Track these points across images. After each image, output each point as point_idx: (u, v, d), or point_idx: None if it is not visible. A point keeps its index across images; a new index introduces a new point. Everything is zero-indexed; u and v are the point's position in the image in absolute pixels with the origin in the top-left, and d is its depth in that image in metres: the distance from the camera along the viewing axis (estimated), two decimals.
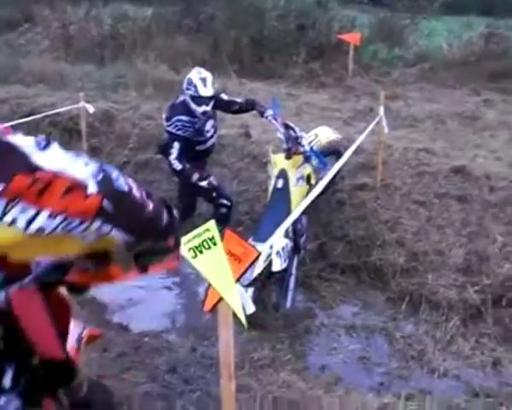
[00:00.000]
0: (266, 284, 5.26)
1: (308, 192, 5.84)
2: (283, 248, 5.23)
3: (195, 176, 6.06)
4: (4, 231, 1.18)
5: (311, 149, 6.06)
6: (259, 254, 2.57)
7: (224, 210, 6.15)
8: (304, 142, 5.96)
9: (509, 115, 9.84)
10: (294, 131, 5.99)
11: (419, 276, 5.72)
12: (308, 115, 9.44)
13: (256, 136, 8.35)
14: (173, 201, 7.45)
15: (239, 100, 6.38)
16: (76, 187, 1.26)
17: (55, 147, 1.29)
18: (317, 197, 5.89)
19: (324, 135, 6.58)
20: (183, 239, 2.40)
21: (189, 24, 15.73)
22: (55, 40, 15.57)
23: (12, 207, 1.17)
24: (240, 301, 2.54)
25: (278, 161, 5.93)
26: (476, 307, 5.28)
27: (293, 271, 5.52)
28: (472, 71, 12.50)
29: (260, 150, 7.77)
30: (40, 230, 1.22)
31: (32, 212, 1.19)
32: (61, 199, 1.23)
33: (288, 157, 5.87)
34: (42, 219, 1.21)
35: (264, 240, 4.87)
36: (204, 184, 6.11)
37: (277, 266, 5.10)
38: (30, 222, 1.20)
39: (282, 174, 5.77)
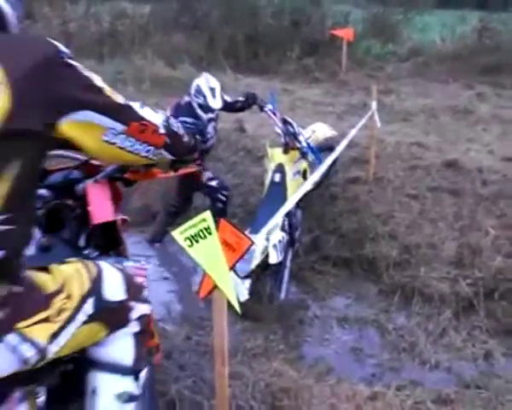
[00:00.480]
0: (261, 277, 5.31)
1: (309, 190, 5.95)
2: (280, 242, 5.29)
3: (207, 175, 6.13)
4: (111, 149, 1.94)
5: (308, 145, 6.10)
6: (252, 244, 2.62)
7: (220, 204, 6.19)
8: (301, 138, 6.01)
9: (501, 109, 9.92)
10: (292, 126, 6.03)
11: (411, 269, 5.74)
12: (302, 110, 9.52)
13: (251, 130, 8.42)
14: (169, 193, 7.54)
15: (241, 98, 6.37)
16: (156, 130, 2.13)
17: (146, 107, 2.11)
18: (311, 191, 5.97)
19: (321, 131, 6.64)
20: (179, 229, 2.46)
21: (185, 21, 15.87)
22: (55, 37, 15.58)
23: (125, 138, 1.97)
24: (234, 288, 2.59)
25: (275, 155, 5.99)
26: (468, 300, 5.30)
27: (288, 263, 5.57)
28: (465, 65, 12.60)
29: (255, 144, 7.82)
30: (152, 153, 2.15)
31: (132, 141, 2.01)
32: (149, 136, 2.08)
33: (286, 152, 5.93)
34: (137, 145, 2.04)
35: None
36: (213, 183, 6.17)
37: (274, 258, 5.15)
38: (130, 146, 2.01)
39: (279, 168, 5.83)
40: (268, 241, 5.16)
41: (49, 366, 1.90)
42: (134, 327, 2.16)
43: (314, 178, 5.24)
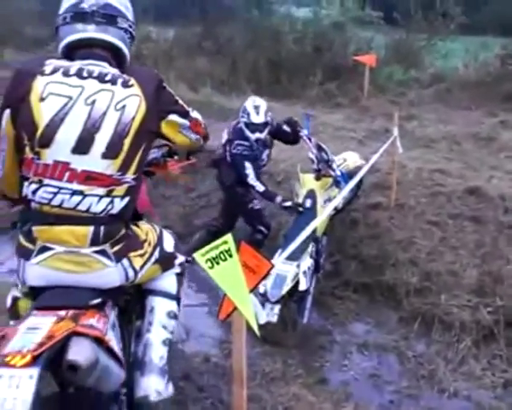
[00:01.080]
0: (286, 302, 5.33)
1: (333, 215, 5.95)
2: (309, 268, 5.37)
3: (279, 198, 5.96)
4: (182, 137, 2.89)
5: (342, 173, 6.12)
6: (272, 267, 2.65)
7: (259, 236, 6.19)
8: (334, 166, 6.03)
9: None
10: (326, 153, 6.05)
11: (432, 296, 5.71)
12: (324, 135, 9.49)
13: (273, 154, 8.44)
14: (191, 216, 7.57)
15: (284, 125, 6.35)
16: (201, 125, 3.04)
17: (195, 111, 3.00)
18: (334, 216, 5.99)
19: (352, 160, 6.63)
20: (201, 251, 2.50)
21: (208, 46, 16.03)
22: None
23: (188, 130, 2.91)
24: (253, 310, 2.61)
25: (307, 181, 6.01)
26: (489, 328, 5.26)
27: (311, 290, 5.58)
28: (488, 92, 12.52)
29: (275, 169, 7.84)
30: (197, 139, 3.03)
31: (191, 131, 2.93)
32: (199, 129, 3.00)
33: (318, 179, 5.94)
34: (192, 135, 2.95)
35: (292, 258, 5.07)
36: (287, 203, 5.92)
37: (303, 285, 5.22)
38: (189, 134, 2.93)
39: (311, 194, 5.85)
40: (299, 268, 5.21)
41: (122, 291, 2.77)
42: (177, 269, 3.05)
43: (335, 203, 5.25)
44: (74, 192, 2.41)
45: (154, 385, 2.74)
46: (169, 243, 3.02)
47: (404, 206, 6.86)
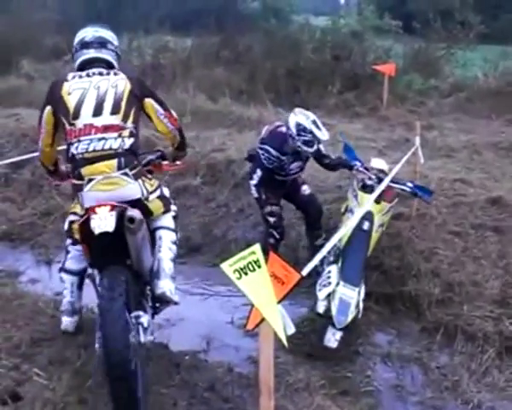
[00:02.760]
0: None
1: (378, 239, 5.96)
2: (365, 294, 5.35)
3: (267, 209, 6.17)
4: (160, 122, 4.32)
5: (414, 184, 6.12)
6: (302, 278, 2.64)
7: (272, 241, 6.19)
8: (407, 183, 6.08)
9: None
10: (384, 172, 6.11)
11: (454, 307, 5.68)
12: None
13: None
14: (210, 226, 7.58)
15: (332, 156, 6.42)
16: (176, 119, 4.44)
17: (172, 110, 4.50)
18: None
19: (384, 167, 6.54)
20: (229, 261, 2.50)
21: (226, 55, 16.05)
22: None
23: (164, 117, 4.34)
24: (281, 321, 2.60)
25: (366, 201, 5.76)
26: None
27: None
28: (508, 101, 12.45)
29: None
30: (173, 130, 4.43)
31: (167, 120, 4.34)
32: (173, 120, 4.39)
33: (378, 202, 5.83)
34: (169, 124, 4.37)
35: (354, 283, 5.14)
36: (271, 219, 6.19)
37: (361, 313, 5.22)
38: (166, 122, 4.35)
39: (369, 217, 5.64)
40: (359, 295, 5.19)
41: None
42: (173, 212, 4.50)
43: (359, 215, 5.17)
44: (99, 139, 3.88)
45: (167, 286, 4.08)
46: (166, 191, 4.54)
47: (425, 216, 6.83)
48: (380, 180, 6.00)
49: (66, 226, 4.32)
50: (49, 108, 4.03)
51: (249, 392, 3.89)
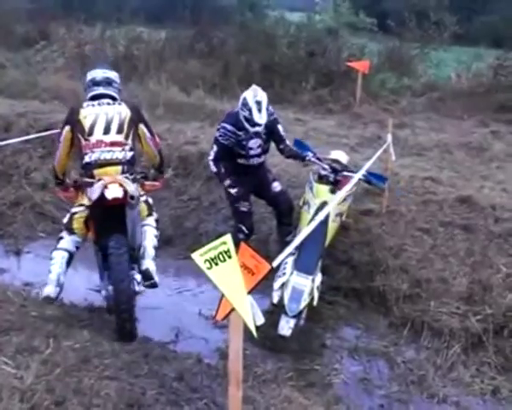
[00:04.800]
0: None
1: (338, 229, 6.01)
2: (321, 283, 5.42)
3: (227, 181, 6.16)
4: (147, 145, 5.54)
5: (368, 172, 6.14)
6: (272, 269, 2.66)
7: (241, 236, 6.17)
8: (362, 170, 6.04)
9: None
10: (339, 162, 6.14)
11: (422, 303, 5.77)
12: (315, 141, 9.48)
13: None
14: (181, 219, 7.58)
15: (287, 142, 6.40)
16: (159, 142, 5.67)
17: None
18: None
19: (343, 158, 6.56)
20: (200, 251, 2.51)
21: (201, 48, 15.94)
22: (70, 59, 15.82)
23: (151, 140, 5.56)
24: (251, 312, 2.62)
25: (321, 192, 5.93)
26: (478, 336, 5.33)
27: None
28: (480, 102, 12.59)
29: None
30: (156, 154, 5.65)
31: (151, 143, 5.54)
32: (157, 143, 5.61)
33: (333, 191, 5.90)
34: (153, 147, 5.59)
35: (308, 272, 5.20)
36: (232, 191, 6.17)
37: (316, 300, 5.27)
38: (151, 145, 5.56)
39: (324, 207, 5.60)
40: (313, 282, 5.24)
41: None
42: (155, 215, 5.55)
43: (326, 211, 5.19)
44: (108, 151, 5.06)
45: (150, 265, 5.13)
46: (150, 200, 5.60)
47: (395, 213, 6.89)
48: (334, 170, 6.10)
49: (66, 219, 5.27)
50: (68, 127, 5.19)
51: (217, 383, 3.91)
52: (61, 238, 5.18)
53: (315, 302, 5.25)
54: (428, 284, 5.91)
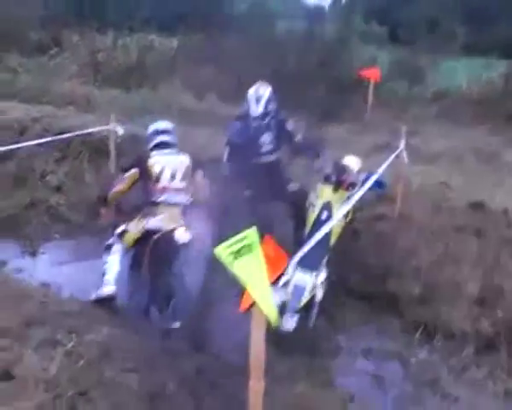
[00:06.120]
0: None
1: (343, 228, 6.04)
2: (325, 279, 5.46)
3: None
4: None
5: (367, 176, 6.17)
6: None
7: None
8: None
9: None
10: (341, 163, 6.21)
11: (434, 306, 5.80)
12: (327, 149, 9.52)
13: None
14: None
15: (298, 137, 6.43)
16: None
17: None
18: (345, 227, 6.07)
19: (355, 164, 6.60)
20: (224, 244, 2.56)
21: (213, 54, 16.00)
22: (83, 66, 15.91)
23: None
24: (273, 305, 2.67)
25: (325, 193, 6.02)
26: (490, 339, 5.36)
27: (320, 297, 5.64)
28: (491, 110, 12.62)
29: None
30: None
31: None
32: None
33: (336, 190, 5.99)
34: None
35: (311, 268, 5.26)
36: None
37: (320, 296, 5.33)
38: None
39: (327, 207, 5.84)
40: (316, 278, 5.30)
41: None
42: None
43: (342, 212, 5.29)
44: (173, 196, 5.61)
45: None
46: None
47: (407, 218, 6.93)
48: (338, 170, 6.15)
49: (119, 231, 5.62)
50: (135, 170, 5.70)
51: (236, 378, 3.95)
52: (112, 245, 5.61)
53: (318, 298, 5.31)
54: (441, 288, 5.95)
